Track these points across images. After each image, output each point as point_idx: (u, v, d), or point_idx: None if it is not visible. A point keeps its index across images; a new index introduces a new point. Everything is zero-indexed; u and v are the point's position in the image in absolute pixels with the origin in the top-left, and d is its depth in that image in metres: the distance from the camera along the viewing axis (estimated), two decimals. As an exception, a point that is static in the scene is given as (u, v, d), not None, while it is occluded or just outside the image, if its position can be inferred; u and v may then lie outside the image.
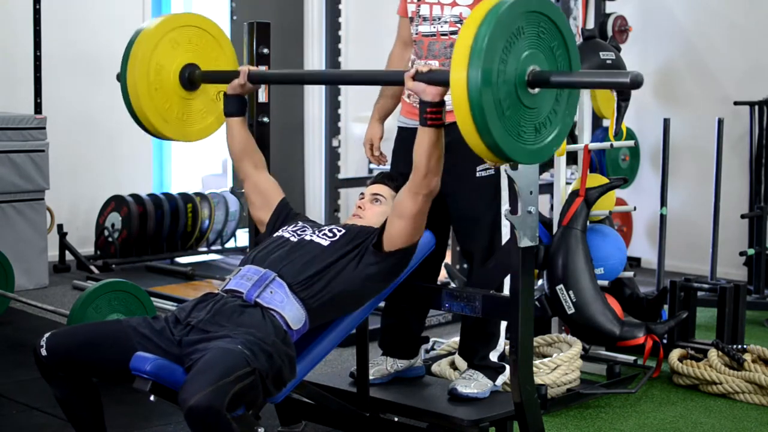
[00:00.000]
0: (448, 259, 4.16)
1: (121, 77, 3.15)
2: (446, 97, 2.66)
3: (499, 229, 3.28)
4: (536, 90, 2.48)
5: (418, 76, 2.68)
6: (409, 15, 3.34)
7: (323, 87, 6.18)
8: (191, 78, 3.22)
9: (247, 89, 3.14)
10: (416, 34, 3.31)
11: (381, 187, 3.18)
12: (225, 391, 2.37)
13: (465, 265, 4.66)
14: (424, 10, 3.28)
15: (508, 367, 3.33)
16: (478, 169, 3.23)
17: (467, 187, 3.23)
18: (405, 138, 3.39)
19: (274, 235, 3.03)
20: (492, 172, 3.24)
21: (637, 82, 2.32)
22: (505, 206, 3.28)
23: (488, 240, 3.28)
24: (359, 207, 3.15)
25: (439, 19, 3.25)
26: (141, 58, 3.11)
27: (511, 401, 3.03)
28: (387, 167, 3.53)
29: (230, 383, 2.40)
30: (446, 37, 3.24)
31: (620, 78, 2.38)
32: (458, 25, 3.22)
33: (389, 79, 3.08)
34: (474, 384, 3.22)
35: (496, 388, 3.29)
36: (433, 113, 2.68)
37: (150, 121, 3.19)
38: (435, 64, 3.24)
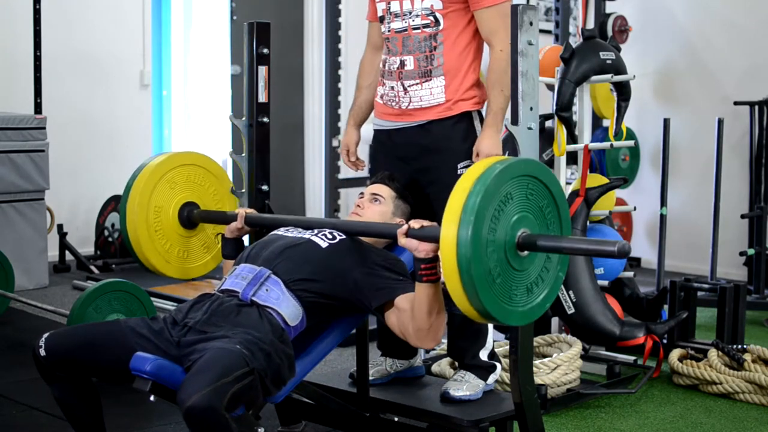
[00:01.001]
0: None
1: (121, 224, 3.26)
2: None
3: None
4: (525, 252, 2.48)
5: (411, 232, 2.67)
6: (380, 14, 3.33)
7: (323, 87, 6.19)
8: (190, 217, 3.31)
9: (244, 232, 3.18)
10: (389, 31, 3.30)
11: (381, 187, 3.18)
12: (224, 391, 2.37)
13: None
14: (395, 6, 3.27)
15: (498, 365, 3.34)
16: (459, 166, 3.23)
17: (449, 182, 3.21)
18: (381, 140, 3.39)
19: (269, 234, 3.03)
20: None
21: (623, 253, 2.32)
22: None
23: None
24: (358, 206, 3.15)
25: (411, 13, 3.24)
26: (139, 203, 3.21)
27: (510, 401, 3.04)
28: (364, 173, 3.53)
29: (229, 383, 2.40)
30: (419, 31, 3.24)
31: (607, 247, 2.36)
32: (430, 17, 3.21)
33: (382, 233, 2.96)
34: (466, 386, 3.22)
35: (489, 387, 3.28)
36: (427, 269, 2.65)
37: (152, 264, 3.28)
38: (410, 59, 3.24)
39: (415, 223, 2.68)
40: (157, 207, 3.25)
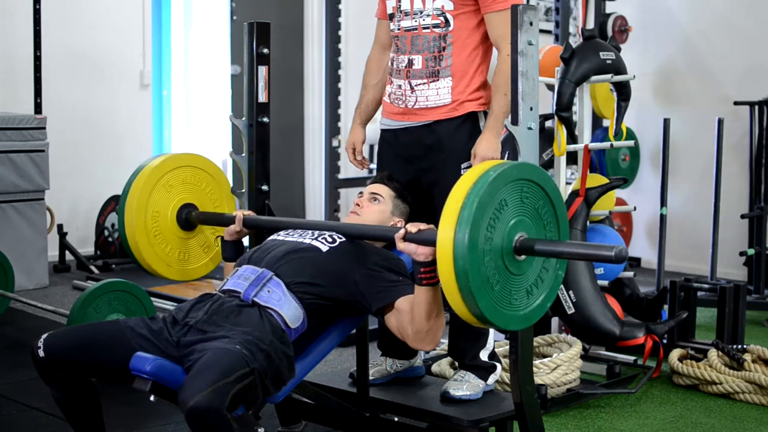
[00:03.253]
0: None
1: (119, 229, 3.25)
2: None
3: None
4: (523, 257, 2.47)
5: (408, 236, 2.66)
6: (390, 12, 3.33)
7: (323, 87, 6.19)
8: (188, 219, 3.31)
9: (243, 234, 3.18)
10: (398, 29, 3.30)
11: (380, 186, 3.19)
12: (225, 392, 2.37)
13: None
14: (405, 4, 3.27)
15: (498, 365, 3.34)
16: (462, 166, 3.23)
17: (452, 182, 3.22)
18: (388, 139, 3.39)
19: (270, 237, 3.03)
20: None
21: (621, 258, 2.32)
22: None
23: None
24: (357, 204, 3.15)
25: (421, 12, 3.24)
26: (137, 209, 3.21)
27: (510, 401, 3.04)
28: (364, 172, 3.52)
29: (230, 383, 2.40)
30: (428, 31, 3.24)
31: (604, 252, 2.36)
32: (440, 18, 3.21)
33: (381, 237, 2.96)
34: (466, 386, 3.22)
35: (489, 387, 3.29)
36: (426, 272, 2.64)
37: (153, 268, 3.28)
38: (419, 58, 3.24)
39: (413, 227, 2.68)
40: (155, 211, 3.25)
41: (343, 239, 2.94)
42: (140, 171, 3.27)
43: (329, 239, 2.92)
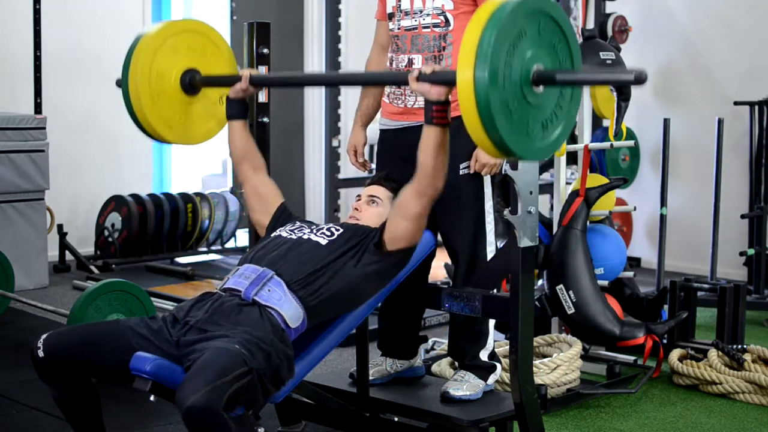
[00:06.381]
0: (447, 260, 4.15)
1: (122, 84, 3.13)
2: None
3: (483, 228, 3.27)
4: (541, 88, 2.46)
5: (421, 77, 2.67)
6: (389, 11, 3.33)
7: (323, 87, 6.19)
8: (192, 83, 3.19)
9: (249, 93, 3.14)
10: (398, 29, 3.30)
11: (378, 188, 3.18)
12: (222, 391, 2.37)
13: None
14: (405, 4, 3.27)
15: (498, 365, 3.34)
16: (461, 166, 3.23)
17: (450, 182, 3.22)
18: (387, 139, 3.39)
19: (272, 234, 3.03)
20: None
21: (641, 79, 2.30)
22: (488, 204, 3.29)
23: (472, 237, 3.27)
24: (356, 209, 3.15)
25: (421, 12, 3.24)
26: (142, 65, 3.09)
27: (510, 401, 3.04)
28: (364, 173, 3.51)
29: (227, 383, 2.40)
30: (428, 30, 3.24)
31: (624, 75, 2.36)
32: (440, 17, 3.22)
33: (392, 81, 3.05)
34: (466, 386, 3.22)
35: (489, 387, 3.29)
36: (439, 111, 2.68)
37: (153, 127, 3.16)
38: (419, 57, 3.24)
39: (427, 68, 2.68)
40: (159, 70, 3.12)
41: (342, 230, 2.96)
42: (148, 31, 3.14)
43: (328, 233, 2.94)
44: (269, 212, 3.13)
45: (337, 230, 2.96)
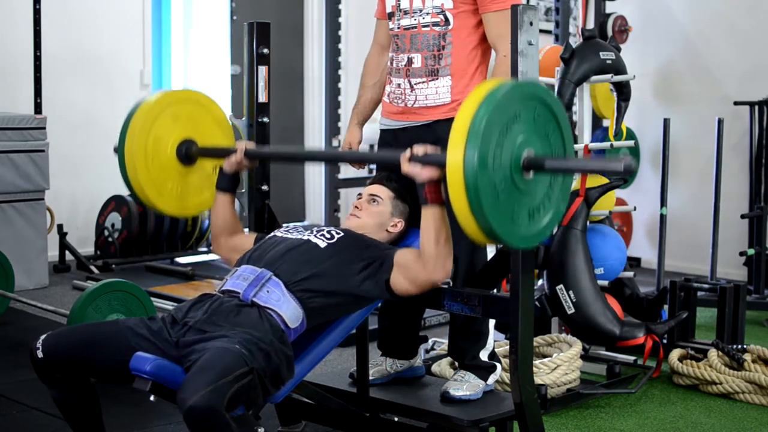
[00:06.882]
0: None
1: (119, 151, 3.09)
2: None
3: None
4: (531, 174, 2.46)
5: (414, 158, 2.66)
6: (389, 11, 3.33)
7: (323, 87, 6.19)
8: (188, 153, 3.18)
9: (243, 166, 3.13)
10: (398, 28, 3.30)
11: (379, 187, 3.18)
12: (223, 391, 2.37)
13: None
14: (405, 3, 3.27)
15: (498, 365, 3.34)
16: None
17: None
18: (387, 139, 3.39)
19: (270, 235, 3.03)
20: None
21: (629, 170, 2.31)
22: None
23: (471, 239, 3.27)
24: (356, 207, 3.15)
25: (421, 11, 3.24)
26: (140, 130, 3.07)
27: (510, 401, 3.04)
28: (364, 173, 3.50)
29: (228, 383, 2.40)
30: (428, 29, 3.24)
31: (614, 164, 2.35)
32: (440, 16, 3.21)
33: (386, 162, 2.96)
34: (466, 386, 3.22)
35: (489, 387, 3.29)
36: (432, 191, 2.66)
37: (147, 196, 3.11)
38: (418, 57, 3.24)
39: (419, 149, 2.68)
40: (157, 137, 3.10)
41: (342, 234, 2.94)
42: (149, 98, 3.13)
43: (327, 235, 2.93)
44: (248, 248, 3.08)
45: (338, 233, 2.95)
